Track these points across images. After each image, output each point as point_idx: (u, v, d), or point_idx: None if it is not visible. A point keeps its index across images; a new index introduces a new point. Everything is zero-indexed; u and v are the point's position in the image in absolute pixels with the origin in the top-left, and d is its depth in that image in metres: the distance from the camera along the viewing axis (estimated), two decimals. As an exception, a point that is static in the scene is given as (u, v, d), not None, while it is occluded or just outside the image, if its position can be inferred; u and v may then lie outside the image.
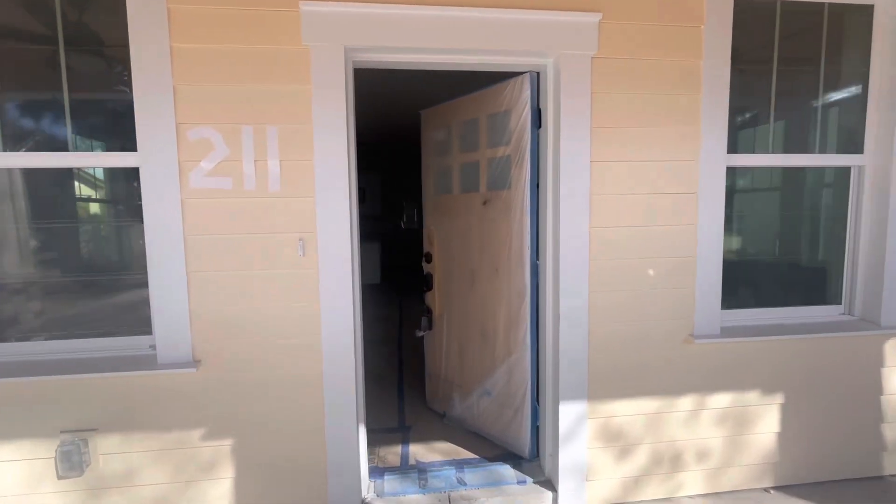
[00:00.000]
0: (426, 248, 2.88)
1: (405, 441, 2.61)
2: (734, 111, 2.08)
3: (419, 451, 2.49)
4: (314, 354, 1.91)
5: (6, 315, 1.90)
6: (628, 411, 2.11)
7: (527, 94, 2.16)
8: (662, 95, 1.99)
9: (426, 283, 2.84)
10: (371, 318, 5.62)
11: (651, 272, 2.06)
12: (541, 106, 2.14)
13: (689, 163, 2.03)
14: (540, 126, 2.16)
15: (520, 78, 2.19)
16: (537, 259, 2.25)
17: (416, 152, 9.32)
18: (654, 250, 2.05)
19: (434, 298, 2.83)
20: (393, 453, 2.48)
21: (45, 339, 1.91)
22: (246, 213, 1.83)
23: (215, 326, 1.86)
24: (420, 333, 2.86)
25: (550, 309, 2.14)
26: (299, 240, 1.86)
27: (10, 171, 1.85)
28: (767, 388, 2.18)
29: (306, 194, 1.85)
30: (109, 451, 1.86)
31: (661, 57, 1.98)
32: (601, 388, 2.09)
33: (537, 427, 2.32)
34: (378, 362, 3.90)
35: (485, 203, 2.44)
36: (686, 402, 2.14)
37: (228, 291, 1.85)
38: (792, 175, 2.31)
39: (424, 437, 2.64)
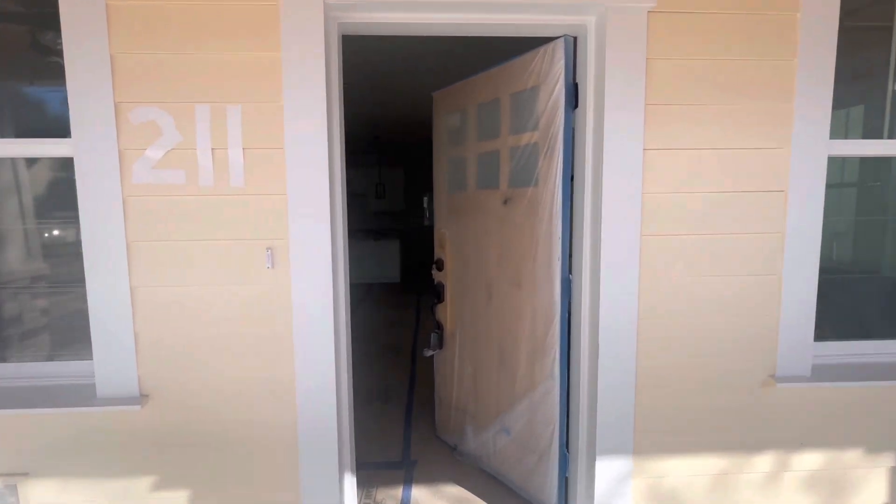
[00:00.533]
0: (437, 254, 2.47)
1: (408, 481, 2.22)
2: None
3: (424, 497, 2.10)
4: (285, 391, 1.54)
5: (-67, 333, 1.62)
6: (686, 471, 1.65)
7: (560, 64, 1.70)
8: (742, 61, 1.50)
9: (437, 294, 2.44)
10: (384, 321, 5.27)
11: (719, 293, 1.58)
12: (577, 80, 1.69)
13: (776, 151, 1.54)
14: (576, 106, 1.70)
15: (551, 45, 1.74)
16: (570, 273, 1.80)
17: (439, 146, 8.92)
18: (723, 265, 1.57)
19: (445, 312, 2.42)
20: (392, 497, 2.10)
21: (-23, 362, 1.61)
22: (202, 214, 1.47)
23: (166, 354, 1.51)
24: (429, 353, 2.46)
25: (587, 336, 1.69)
26: (267, 249, 1.48)
27: (-69, 161, 1.55)
28: (874, 447, 1.67)
29: (276, 191, 1.47)
30: (44, 499, 1.54)
31: (739, 9, 1.49)
32: (651, 439, 1.63)
33: (566, 478, 1.88)
34: (386, 377, 3.53)
35: (505, 202, 2.00)
36: (763, 462, 1.66)
37: (181, 310, 1.50)
38: (872, 167, 1.77)
39: (431, 477, 2.24)
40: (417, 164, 9.79)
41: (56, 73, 1.45)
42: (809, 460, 1.66)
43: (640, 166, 1.51)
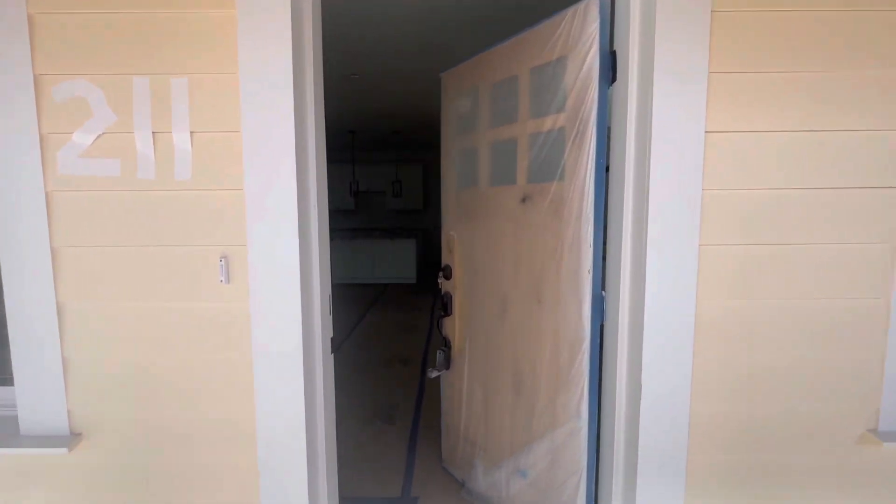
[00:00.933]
0: (444, 260, 2.15)
1: (407, 524, 1.91)
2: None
3: (422, 547, 1.78)
4: (244, 436, 1.24)
5: None
6: (752, 547, 1.28)
7: (594, 27, 1.35)
8: (850, 13, 1.12)
9: (443, 305, 2.11)
10: (396, 326, 4.98)
11: (801, 322, 1.21)
12: (616, 47, 1.33)
13: (892, 136, 1.15)
14: (614, 80, 1.35)
15: (582, 5, 1.39)
16: (603, 289, 1.45)
17: (458, 141, 8.59)
18: (806, 287, 1.20)
19: (453, 327, 2.09)
20: (387, 546, 1.79)
21: None
22: (141, 214, 1.18)
23: (101, 384, 1.23)
24: (434, 373, 2.14)
25: (624, 370, 1.34)
26: (221, 258, 1.18)
27: None
28: None
29: (232, 186, 1.17)
30: (-36, 553, 1.29)
31: (843, -57, 1.11)
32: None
33: (595, 539, 1.54)
34: (392, 392, 3.23)
35: (523, 201, 1.66)
36: (857, 542, 1.27)
37: (120, 332, 1.22)
38: None
39: (433, 521, 1.93)
40: (437, 160, 9.47)
41: (-29, 41, 1.19)
42: (921, 542, 1.27)
43: (700, 154, 1.15)
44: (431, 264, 9.24)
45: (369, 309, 5.87)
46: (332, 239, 8.05)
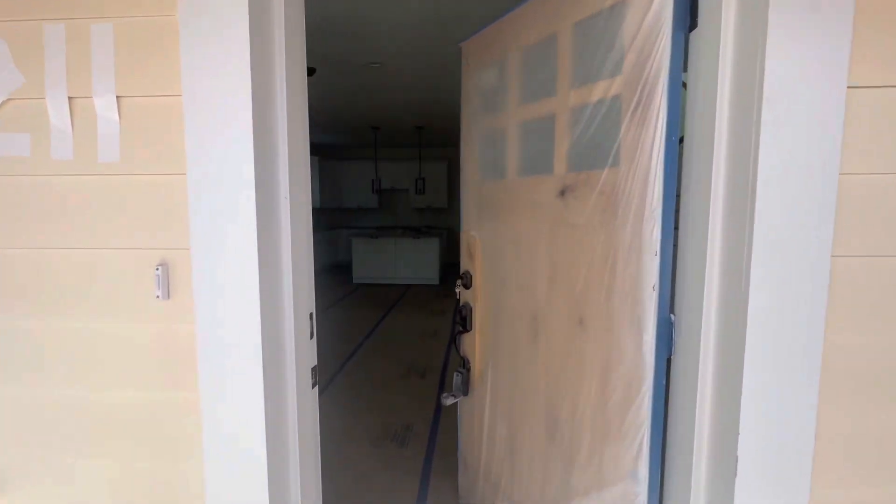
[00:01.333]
0: (463, 265, 1.81)
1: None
2: None
3: None
4: None
5: None
6: None
7: (666, -47, 0.99)
8: None
9: (462, 319, 1.78)
10: (415, 331, 4.68)
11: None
12: (697, -19, 0.97)
13: None
14: (693, 26, 0.99)
15: (649, -73, 1.02)
16: (671, 311, 1.08)
17: (484, 136, 8.27)
18: None
19: (473, 346, 1.76)
20: None
21: None
22: (56, 205, 0.90)
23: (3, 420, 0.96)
24: (449, 400, 1.80)
25: (706, 428, 0.97)
26: (157, 266, 0.88)
27: None
28: None
29: (171, 170, 0.87)
30: None
31: None
32: None
33: None
34: (407, 408, 2.92)
35: (563, 194, 1.31)
36: None
37: (23, 362, 0.94)
38: None
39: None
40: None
41: None
42: None
43: (839, 121, 0.77)
44: (455, 264, 8.91)
45: (389, 311, 5.59)
46: (352, 237, 7.85)
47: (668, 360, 1.10)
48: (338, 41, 3.28)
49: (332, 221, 10.28)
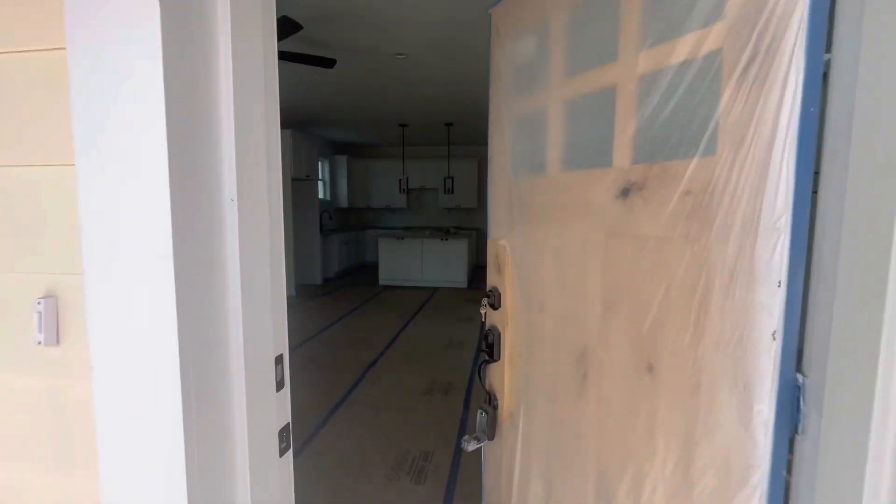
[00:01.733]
0: (490, 281, 1.50)
1: None
2: None
3: None
4: None
5: None
6: None
7: None
8: None
9: (488, 346, 1.46)
10: (439, 340, 4.38)
11: None
12: None
13: None
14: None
15: None
16: (799, 370, 0.72)
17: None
18: None
19: (502, 380, 1.43)
20: None
21: None
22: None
23: None
24: (472, 446, 1.49)
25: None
26: (39, 299, 0.61)
27: None
28: None
29: (57, 160, 0.60)
30: None
31: None
32: None
33: None
34: (426, 434, 2.62)
35: (625, 193, 0.97)
36: None
37: None
38: None
39: None
40: (491, 154, 8.80)
41: None
42: None
43: None
44: (484, 267, 8.59)
45: (413, 316, 5.33)
46: (379, 237, 7.65)
47: (792, 440, 0.75)
48: (360, 31, 3.04)
49: (361, 221, 10.16)
